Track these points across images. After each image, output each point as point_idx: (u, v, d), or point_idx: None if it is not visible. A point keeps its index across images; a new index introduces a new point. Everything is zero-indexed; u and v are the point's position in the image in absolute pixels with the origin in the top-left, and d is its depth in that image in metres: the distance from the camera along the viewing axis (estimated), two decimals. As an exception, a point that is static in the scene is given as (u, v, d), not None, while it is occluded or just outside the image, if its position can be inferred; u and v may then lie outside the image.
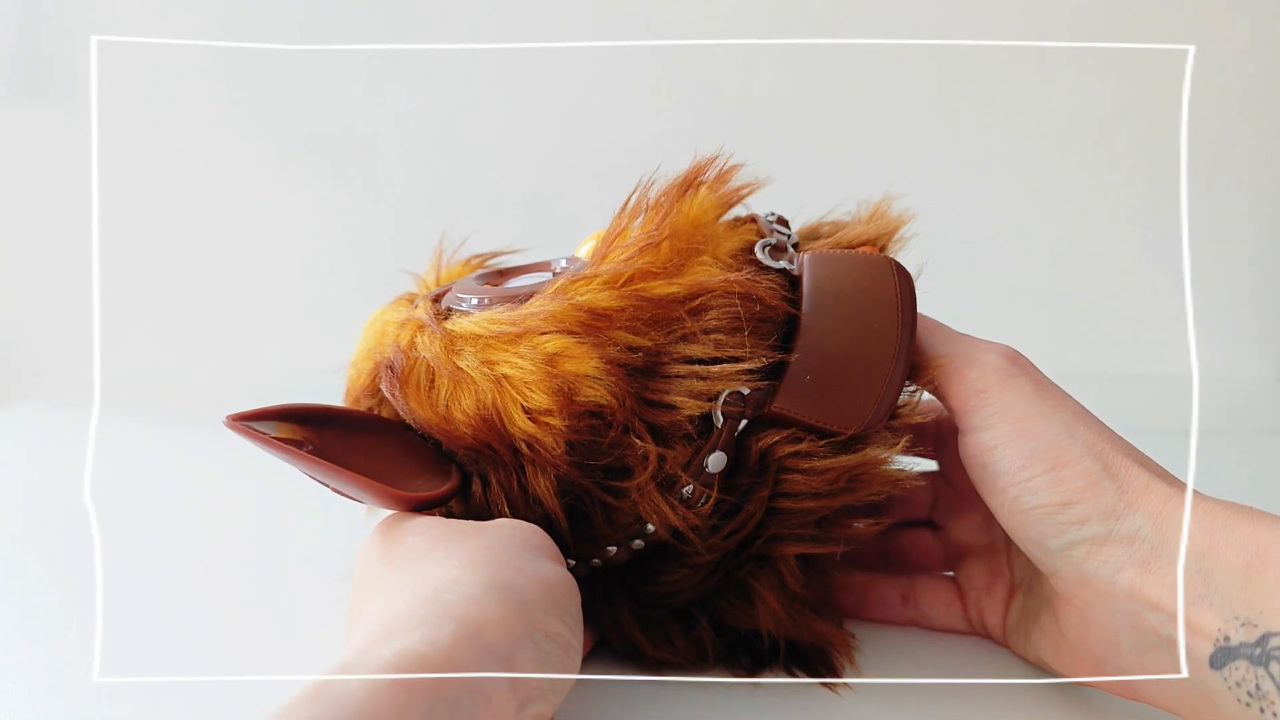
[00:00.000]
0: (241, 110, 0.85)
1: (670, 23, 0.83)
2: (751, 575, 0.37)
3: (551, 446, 0.34)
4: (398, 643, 0.26)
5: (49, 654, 0.40)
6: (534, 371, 0.34)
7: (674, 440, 0.35)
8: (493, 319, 0.35)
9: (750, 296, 0.35)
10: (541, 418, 0.34)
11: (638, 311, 0.34)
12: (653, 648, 0.38)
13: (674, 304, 0.35)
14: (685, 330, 0.35)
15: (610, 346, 0.34)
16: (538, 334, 0.34)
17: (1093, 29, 0.83)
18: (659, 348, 0.34)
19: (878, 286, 0.36)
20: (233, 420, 0.33)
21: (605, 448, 0.35)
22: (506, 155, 0.85)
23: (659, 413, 0.35)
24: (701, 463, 0.35)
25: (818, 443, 0.35)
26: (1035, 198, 0.87)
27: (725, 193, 0.38)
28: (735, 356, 0.35)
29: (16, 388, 0.83)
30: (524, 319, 0.35)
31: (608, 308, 0.34)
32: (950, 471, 0.43)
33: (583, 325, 0.34)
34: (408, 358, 0.37)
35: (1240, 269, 0.87)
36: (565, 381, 0.34)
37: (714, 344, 0.34)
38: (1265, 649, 0.28)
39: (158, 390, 0.79)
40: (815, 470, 0.35)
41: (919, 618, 0.43)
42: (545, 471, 0.35)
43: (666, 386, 0.34)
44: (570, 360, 0.34)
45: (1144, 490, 0.32)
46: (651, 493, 0.35)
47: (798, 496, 0.35)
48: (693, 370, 0.34)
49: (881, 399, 0.35)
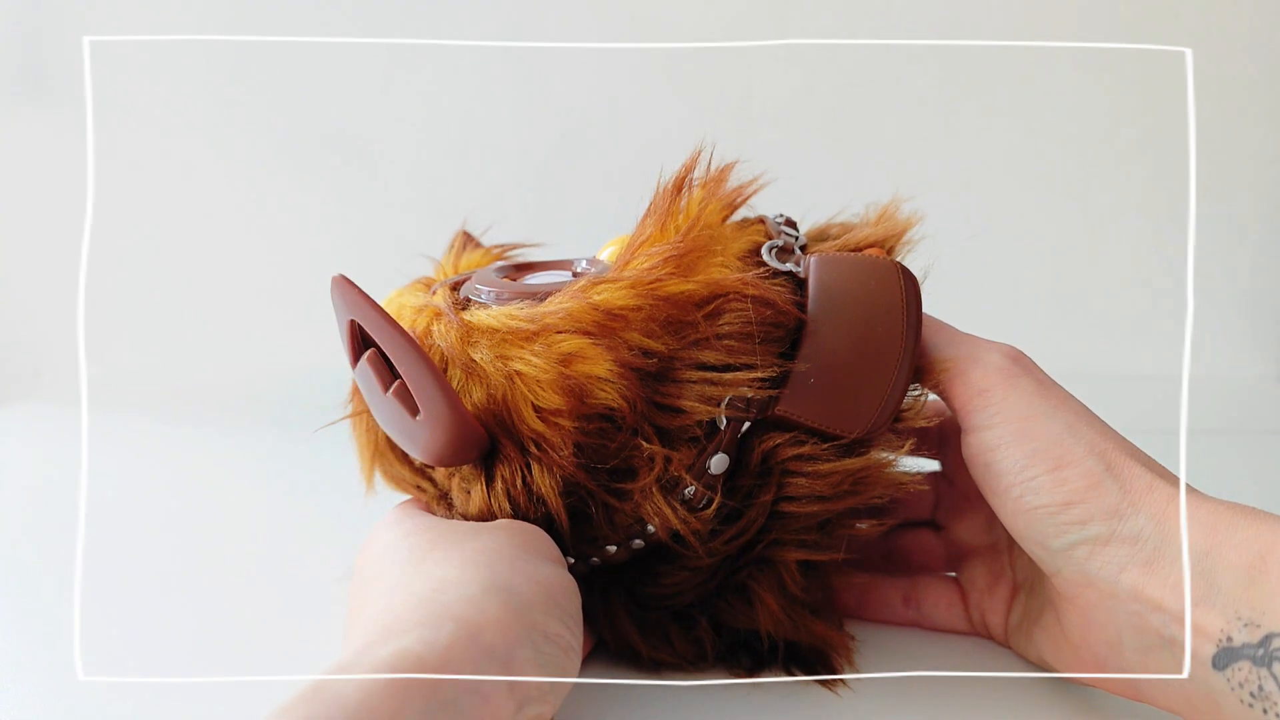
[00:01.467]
0: (241, 108, 0.85)
1: (676, 22, 0.83)
2: (751, 578, 0.37)
3: (559, 446, 0.34)
4: (395, 643, 0.26)
5: (49, 654, 0.40)
6: (547, 370, 0.34)
7: (680, 444, 0.35)
8: (510, 314, 0.35)
9: (764, 300, 0.35)
10: (551, 417, 0.34)
11: (653, 311, 0.34)
12: (649, 648, 0.38)
13: (689, 306, 0.34)
14: (699, 335, 0.34)
15: (624, 350, 0.34)
16: (554, 333, 0.34)
17: (1095, 29, 0.83)
18: (672, 353, 0.34)
19: (883, 290, 0.36)
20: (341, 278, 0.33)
21: (613, 451, 0.35)
22: (511, 154, 0.85)
23: (668, 416, 0.35)
24: (704, 464, 0.35)
25: (821, 446, 0.35)
26: (1037, 198, 0.87)
27: (728, 194, 0.38)
28: (748, 364, 0.34)
29: (16, 388, 0.83)
30: (541, 317, 0.35)
31: (624, 306, 0.34)
32: (953, 472, 0.43)
33: (598, 326, 0.34)
34: (423, 344, 0.37)
35: (1240, 269, 0.87)
36: (578, 383, 0.34)
37: (726, 350, 0.34)
38: (1268, 650, 0.28)
39: (157, 390, 0.79)
40: (819, 474, 0.35)
41: (921, 618, 0.43)
42: (551, 471, 0.35)
43: (678, 391, 0.34)
44: (584, 362, 0.34)
45: (1147, 490, 0.32)
46: (654, 495, 0.35)
47: (801, 500, 0.35)
48: (704, 376, 0.34)
49: (886, 402, 0.35)
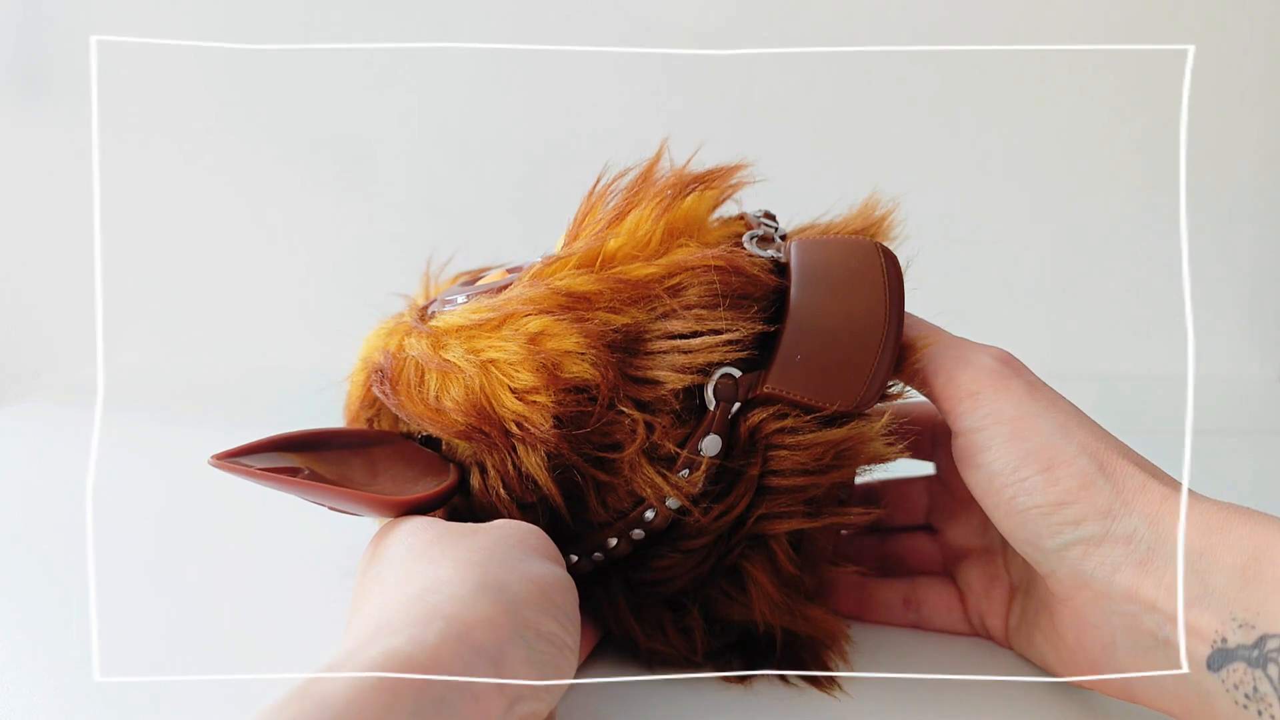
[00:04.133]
0: (242, 110, 0.85)
1: (672, 25, 0.83)
2: (744, 557, 0.37)
3: (540, 423, 0.35)
4: (385, 642, 0.26)
5: (50, 654, 0.40)
6: (518, 352, 0.35)
7: (661, 414, 0.35)
8: (474, 309, 0.37)
9: (730, 269, 0.36)
10: (529, 396, 0.35)
11: (617, 293, 0.35)
12: (645, 638, 0.38)
13: (652, 284, 0.35)
14: (665, 308, 0.35)
15: (591, 322, 0.35)
16: (520, 317, 0.35)
17: (1092, 29, 0.83)
18: (639, 325, 0.35)
19: (864, 266, 0.37)
20: (217, 459, 0.33)
21: (593, 421, 0.35)
22: (508, 158, 0.85)
23: (643, 388, 0.35)
24: (695, 447, 0.35)
25: (803, 418, 0.35)
26: (1035, 198, 0.87)
27: (718, 186, 0.39)
28: (716, 329, 0.35)
29: (16, 388, 0.83)
30: (504, 304, 0.36)
31: (587, 291, 0.35)
32: (946, 475, 0.43)
33: (562, 307, 0.35)
34: (396, 359, 0.38)
35: (1239, 269, 0.87)
36: (549, 358, 0.34)
37: (694, 318, 0.35)
38: (1263, 651, 0.28)
39: (157, 390, 0.79)
40: (801, 445, 0.35)
41: (921, 621, 0.42)
42: (535, 449, 0.35)
43: (649, 363, 0.35)
44: (552, 338, 0.35)
45: (1139, 490, 0.32)
46: (643, 465, 0.35)
47: (786, 474, 0.35)
48: (675, 345, 0.35)
49: (874, 375, 0.35)
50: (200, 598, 0.45)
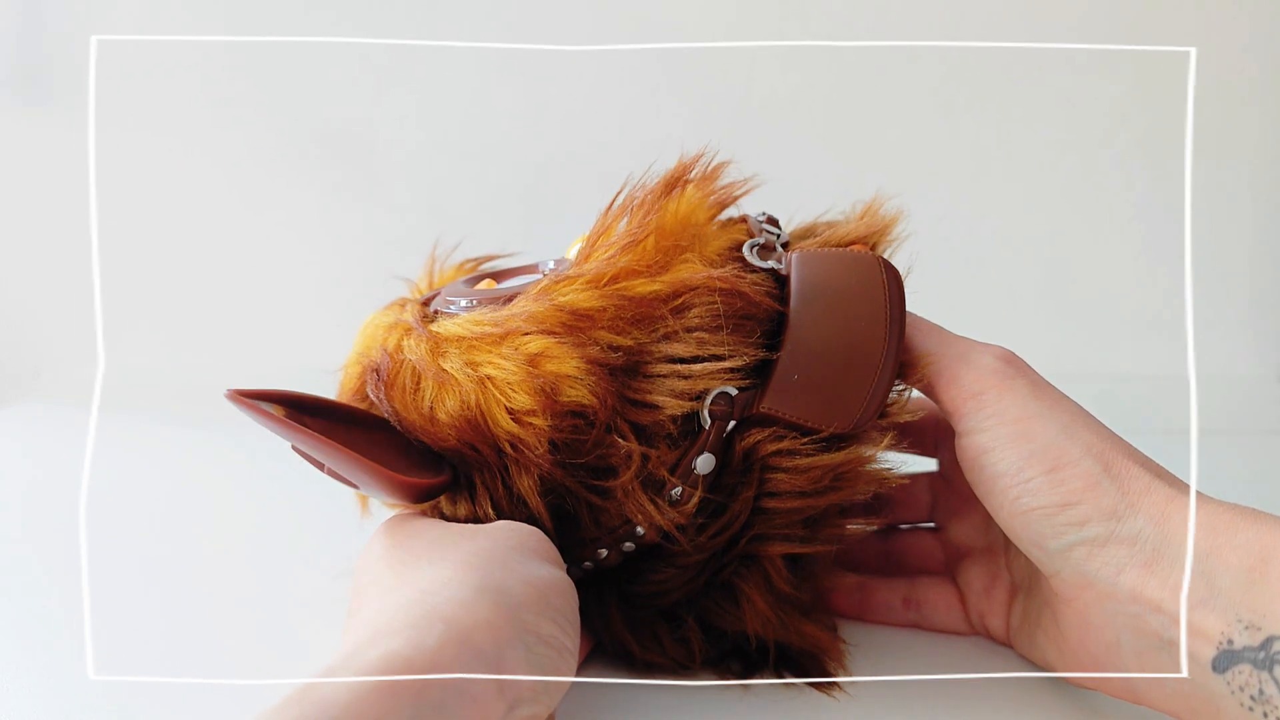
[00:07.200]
0: (242, 108, 0.85)
1: (673, 24, 0.83)
2: (738, 575, 0.36)
3: (534, 446, 0.34)
4: (384, 645, 0.26)
5: (49, 654, 0.40)
6: (516, 372, 0.34)
7: (657, 440, 0.35)
8: (476, 320, 0.36)
9: (733, 292, 0.35)
10: (525, 418, 0.34)
11: (620, 311, 0.34)
12: (641, 649, 0.38)
13: (657, 302, 0.35)
14: (668, 329, 0.35)
15: (592, 346, 0.34)
16: (520, 335, 0.34)
17: (1094, 29, 0.83)
18: (641, 347, 0.35)
19: (865, 284, 0.36)
20: (235, 394, 0.32)
21: (588, 447, 0.35)
22: (509, 155, 0.85)
23: (642, 412, 0.35)
24: (689, 465, 0.35)
25: (800, 440, 0.35)
26: (1036, 198, 0.87)
27: (718, 192, 0.38)
28: (717, 355, 0.34)
29: (16, 388, 0.83)
30: (507, 320, 0.35)
31: (590, 308, 0.34)
32: (950, 472, 0.43)
33: (564, 326, 0.34)
34: (393, 360, 0.37)
35: (1240, 269, 0.86)
36: (547, 382, 0.34)
37: (696, 342, 0.34)
38: (1269, 653, 0.28)
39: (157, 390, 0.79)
40: (799, 469, 0.35)
41: (921, 620, 0.42)
42: (529, 471, 0.35)
43: (649, 386, 0.34)
44: (552, 361, 0.34)
45: (1145, 491, 0.32)
46: (636, 492, 0.35)
47: (782, 496, 0.35)
48: (675, 370, 0.34)
49: (871, 396, 0.35)
50: (196, 597, 0.45)
